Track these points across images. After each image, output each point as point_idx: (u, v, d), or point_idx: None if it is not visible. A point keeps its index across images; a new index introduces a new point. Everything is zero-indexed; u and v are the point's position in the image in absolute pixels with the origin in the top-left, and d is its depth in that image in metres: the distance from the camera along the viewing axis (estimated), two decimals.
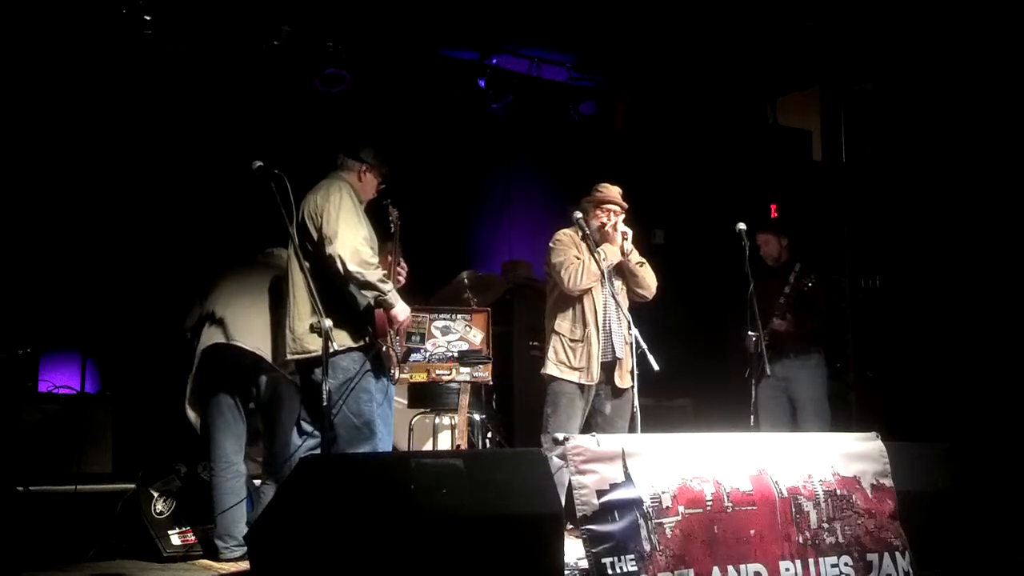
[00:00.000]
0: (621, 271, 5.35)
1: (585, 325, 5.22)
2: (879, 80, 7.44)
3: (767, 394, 5.97)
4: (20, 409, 5.71)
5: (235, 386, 4.97)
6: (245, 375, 4.95)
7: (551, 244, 5.39)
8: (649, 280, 5.37)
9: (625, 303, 5.27)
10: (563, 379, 5.19)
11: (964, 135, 6.71)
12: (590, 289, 5.22)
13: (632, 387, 5.02)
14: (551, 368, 5.24)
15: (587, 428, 5.25)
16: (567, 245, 5.32)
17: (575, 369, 5.18)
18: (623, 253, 5.30)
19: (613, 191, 5.41)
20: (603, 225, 5.32)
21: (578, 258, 5.23)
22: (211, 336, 4.93)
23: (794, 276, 6.00)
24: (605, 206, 5.36)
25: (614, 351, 5.22)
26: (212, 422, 4.97)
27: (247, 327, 4.88)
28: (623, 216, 5.37)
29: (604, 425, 5.22)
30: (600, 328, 5.21)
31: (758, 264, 6.12)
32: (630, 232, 5.32)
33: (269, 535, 3.63)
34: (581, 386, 5.17)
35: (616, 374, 5.23)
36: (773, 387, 5.98)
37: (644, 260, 5.39)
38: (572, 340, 5.23)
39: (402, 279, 4.93)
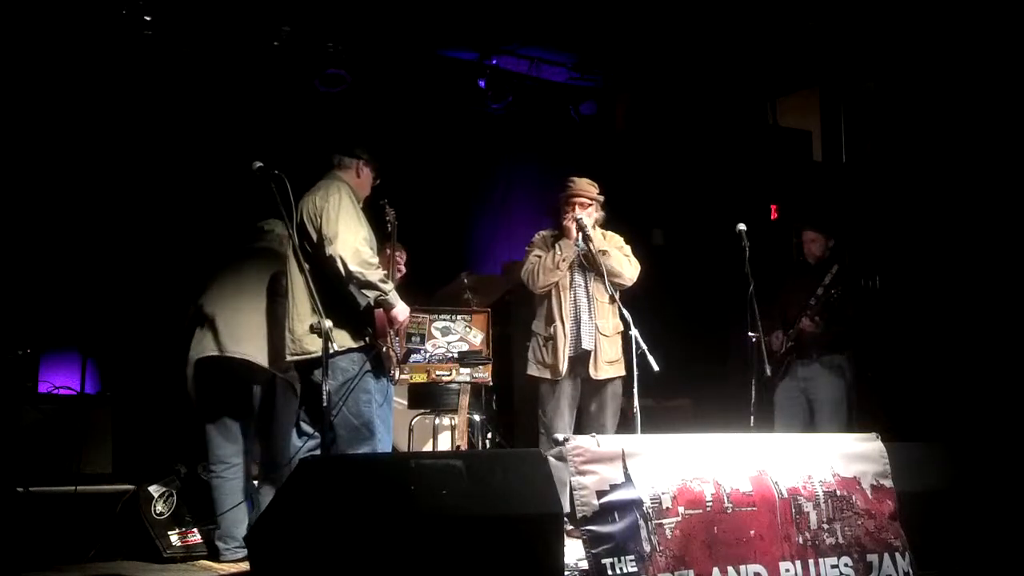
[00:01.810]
0: (593, 262, 5.33)
1: (553, 321, 5.30)
2: (879, 80, 7.44)
3: (786, 395, 5.97)
4: (20, 409, 5.70)
5: (230, 393, 4.95)
6: (239, 381, 4.93)
7: (526, 248, 5.48)
8: (616, 267, 5.27)
9: (604, 295, 5.23)
10: (539, 377, 5.32)
11: (964, 135, 6.72)
12: (556, 285, 5.29)
13: (633, 388, 4.98)
14: (529, 368, 5.40)
15: (579, 427, 5.27)
16: (535, 246, 5.44)
17: (547, 366, 5.29)
18: (585, 243, 5.28)
19: (579, 184, 5.44)
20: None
21: (538, 257, 5.32)
22: (202, 347, 4.89)
23: (830, 277, 5.96)
24: (572, 200, 5.39)
25: (581, 344, 5.26)
26: (210, 425, 4.97)
27: (235, 333, 4.82)
28: (590, 207, 5.37)
29: (591, 422, 5.26)
30: (566, 323, 5.27)
31: (780, 262, 6.11)
32: (586, 221, 5.29)
33: (269, 536, 3.63)
34: (555, 381, 5.26)
35: (590, 366, 5.25)
36: (793, 388, 5.98)
37: (607, 249, 5.29)
38: (544, 338, 5.34)
39: (402, 269, 4.93)
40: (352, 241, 4.43)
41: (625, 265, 5.34)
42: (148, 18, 6.31)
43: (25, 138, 6.37)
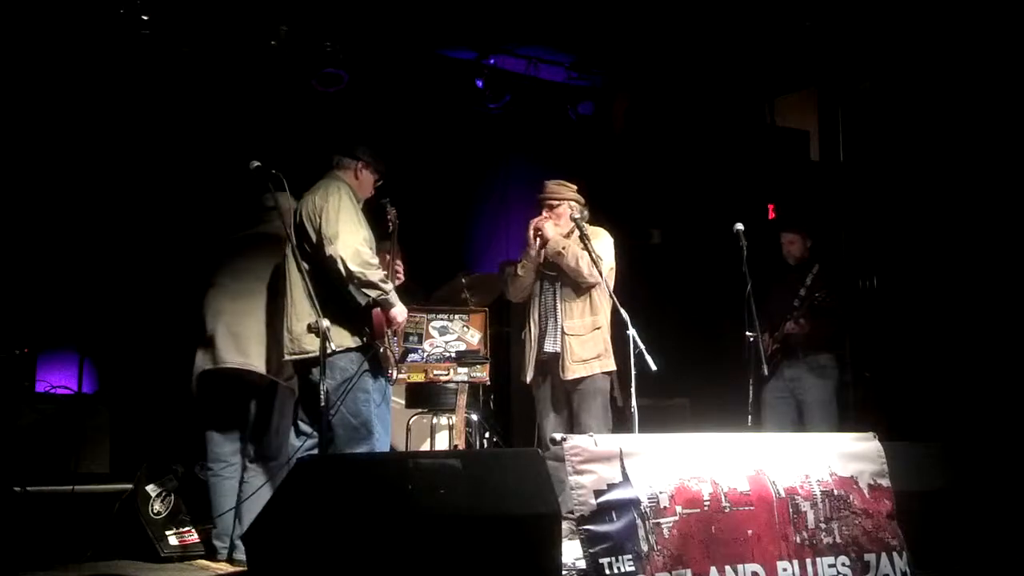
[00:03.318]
0: (556, 265, 5.31)
1: (524, 327, 5.40)
2: (877, 80, 7.43)
3: (774, 394, 5.97)
4: (17, 409, 5.70)
5: (231, 400, 4.94)
6: (241, 386, 4.92)
7: None
8: (572, 264, 5.19)
9: (574, 295, 5.22)
10: (526, 381, 5.37)
11: (962, 135, 6.71)
12: (532, 293, 5.36)
13: (631, 387, 4.96)
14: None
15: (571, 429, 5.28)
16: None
17: (524, 370, 5.36)
18: (539, 253, 5.31)
19: (546, 188, 5.48)
20: None
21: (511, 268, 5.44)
22: (203, 362, 4.89)
23: (811, 278, 5.95)
24: (540, 205, 5.44)
25: (543, 347, 5.29)
26: (210, 425, 4.97)
27: (237, 344, 4.82)
28: (558, 207, 5.36)
29: (575, 424, 5.25)
30: (534, 329, 5.33)
31: (770, 263, 6.10)
32: (541, 228, 5.31)
33: (267, 535, 3.63)
34: (531, 384, 5.32)
35: (559, 368, 5.23)
36: (781, 388, 5.98)
37: (560, 250, 5.23)
38: (524, 343, 5.41)
39: (400, 277, 4.93)
40: (352, 241, 4.43)
41: (583, 264, 5.16)
42: (145, 17, 6.31)
43: (23, 137, 6.37)
